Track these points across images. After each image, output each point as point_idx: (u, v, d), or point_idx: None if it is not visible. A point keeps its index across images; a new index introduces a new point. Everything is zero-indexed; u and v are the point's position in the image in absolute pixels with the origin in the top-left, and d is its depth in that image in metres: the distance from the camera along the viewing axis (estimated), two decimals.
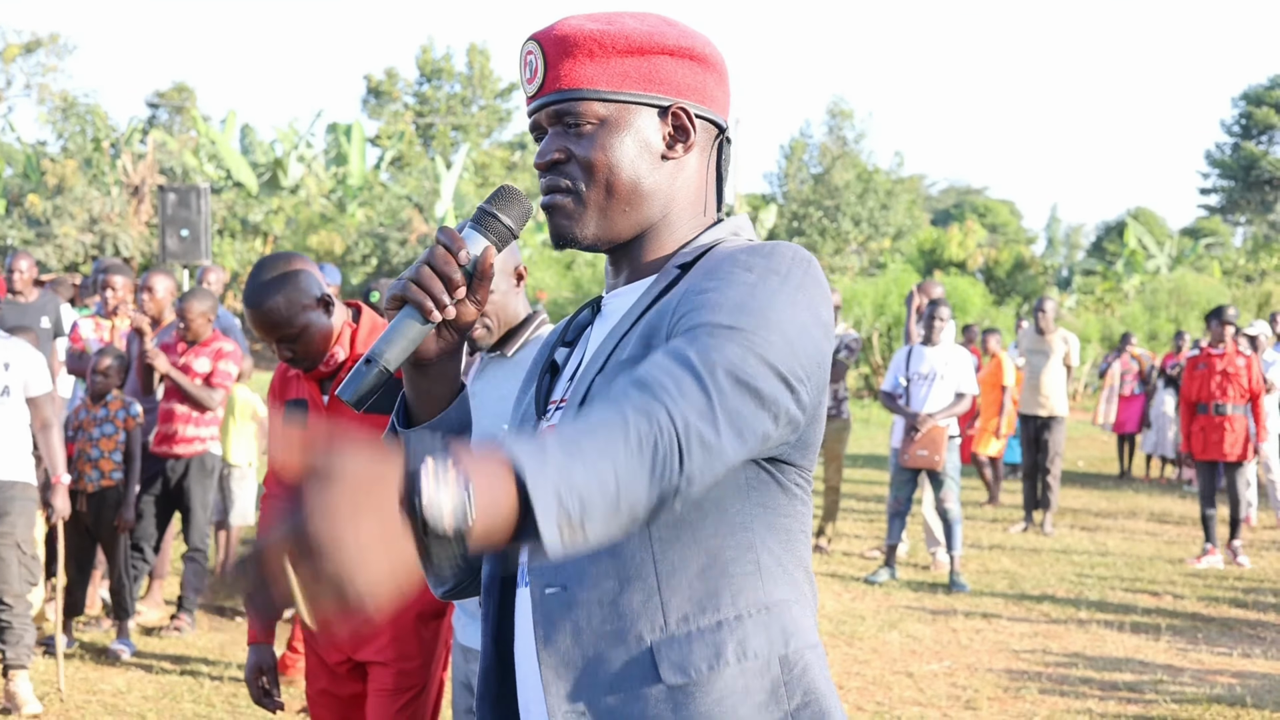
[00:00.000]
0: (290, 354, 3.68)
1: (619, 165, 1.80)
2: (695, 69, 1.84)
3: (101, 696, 6.37)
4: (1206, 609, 9.03)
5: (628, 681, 1.68)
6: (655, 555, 1.70)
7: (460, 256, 1.71)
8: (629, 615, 1.69)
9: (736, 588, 1.71)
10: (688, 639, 1.69)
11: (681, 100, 1.83)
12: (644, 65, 1.81)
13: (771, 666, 1.70)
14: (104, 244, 32.25)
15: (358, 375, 1.69)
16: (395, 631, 3.60)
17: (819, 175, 43.30)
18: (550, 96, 1.81)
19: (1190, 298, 31.50)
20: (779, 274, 1.68)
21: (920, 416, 9.24)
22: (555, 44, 1.81)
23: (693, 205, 1.88)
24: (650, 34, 1.81)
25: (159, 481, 7.41)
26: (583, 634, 1.70)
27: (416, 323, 1.70)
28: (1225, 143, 57.80)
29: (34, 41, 46.19)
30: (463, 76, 58.67)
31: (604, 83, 1.80)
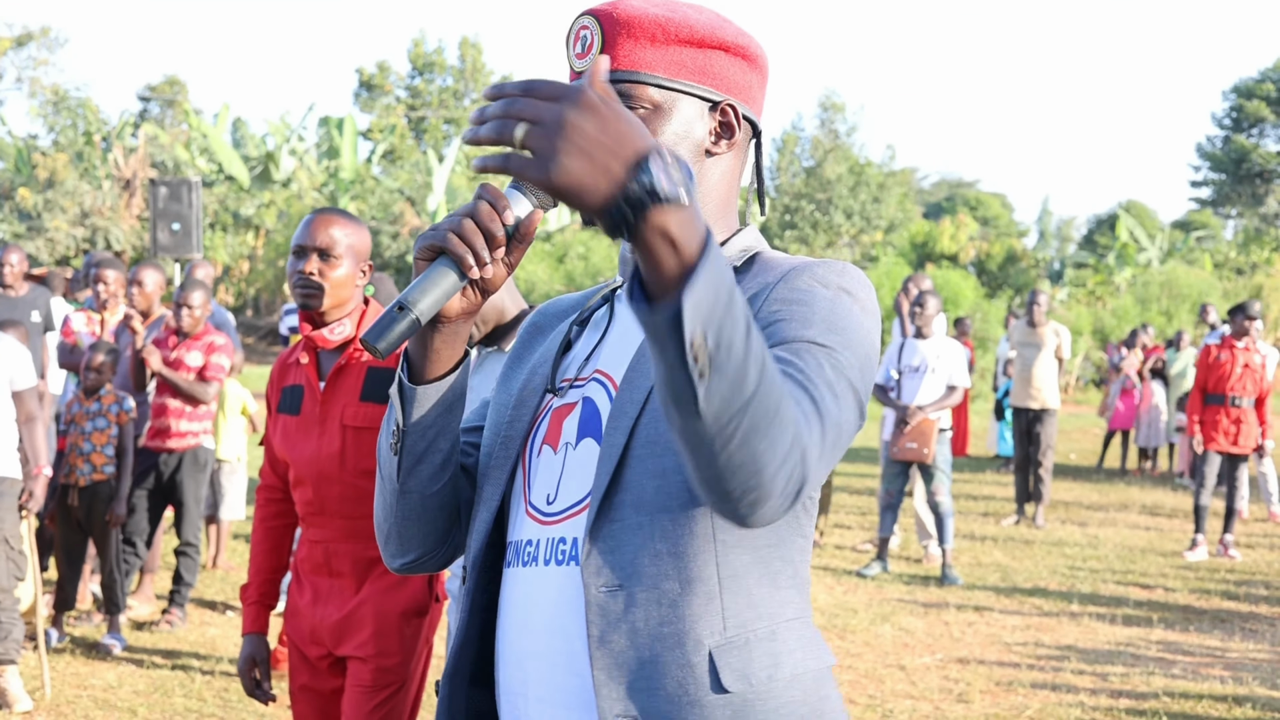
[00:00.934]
0: (311, 273, 3.63)
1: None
2: (745, 68, 1.85)
3: (92, 691, 6.36)
4: (1198, 601, 9.04)
5: (686, 687, 1.66)
6: (719, 558, 1.69)
7: (505, 215, 1.65)
8: (690, 618, 1.67)
9: (782, 599, 1.73)
10: (747, 646, 1.68)
11: (730, 97, 1.83)
12: (700, 58, 1.81)
13: (804, 681, 1.72)
14: (95, 238, 32.18)
15: (388, 320, 1.59)
16: (377, 627, 3.59)
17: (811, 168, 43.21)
18: (613, 75, 1.79)
19: (1181, 290, 31.50)
20: (850, 294, 1.72)
21: (910, 409, 9.25)
22: (615, 23, 1.79)
23: (723, 204, 1.88)
24: (710, 27, 1.81)
25: (151, 476, 7.40)
26: (640, 635, 1.67)
27: (453, 275, 1.63)
28: (1216, 135, 57.79)
29: (25, 35, 46.07)
30: (455, 70, 58.56)
31: (662, 69, 1.79)
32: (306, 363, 3.74)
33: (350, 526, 3.62)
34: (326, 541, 3.67)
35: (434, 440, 1.80)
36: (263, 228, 36.97)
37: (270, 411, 3.87)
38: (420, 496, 1.84)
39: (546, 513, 1.78)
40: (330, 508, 3.64)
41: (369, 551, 3.63)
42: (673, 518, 1.68)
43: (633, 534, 1.69)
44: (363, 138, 46.28)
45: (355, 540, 3.63)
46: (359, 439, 3.59)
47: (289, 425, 3.74)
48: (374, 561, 3.64)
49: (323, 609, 3.67)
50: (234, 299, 37.61)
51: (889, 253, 38.31)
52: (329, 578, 3.68)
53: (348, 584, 3.66)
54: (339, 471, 3.61)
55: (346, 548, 3.64)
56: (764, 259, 1.82)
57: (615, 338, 1.86)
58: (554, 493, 1.79)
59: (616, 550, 1.69)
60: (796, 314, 1.66)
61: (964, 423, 17.15)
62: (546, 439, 1.83)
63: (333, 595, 3.67)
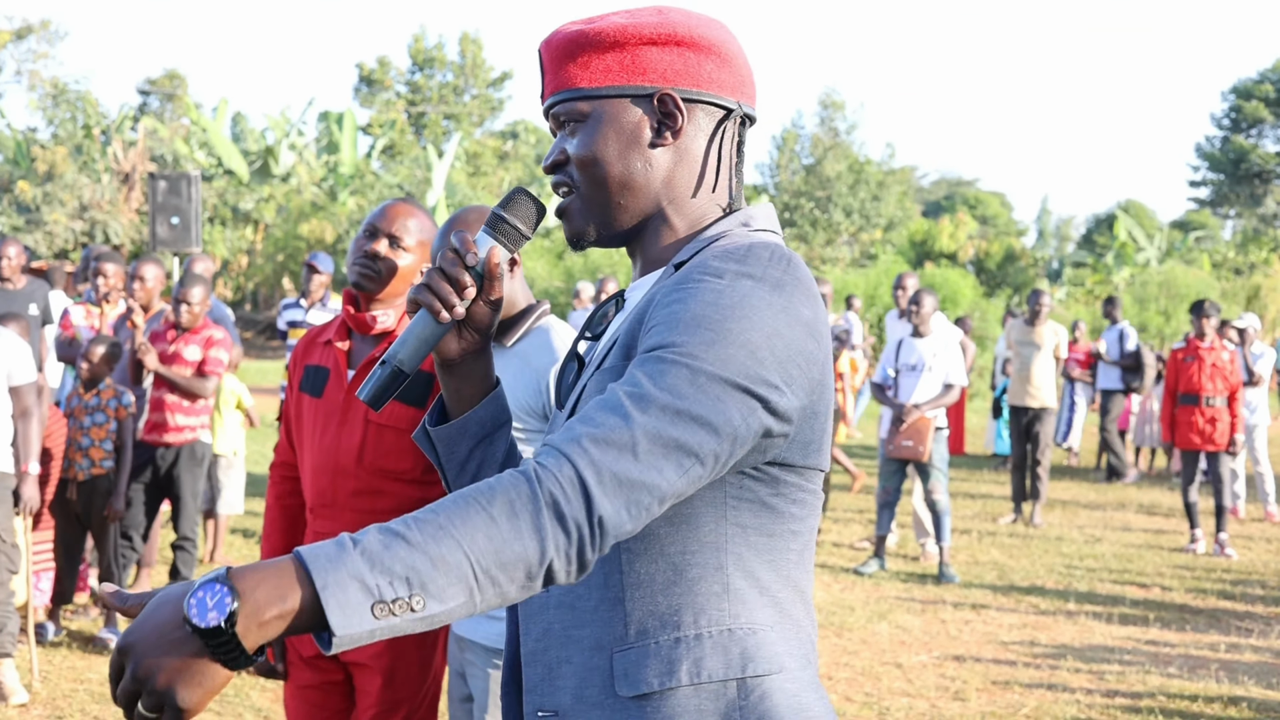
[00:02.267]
0: (379, 252, 3.60)
1: (605, 159, 1.81)
2: (685, 54, 1.83)
3: (89, 685, 6.36)
4: (1194, 600, 9.05)
5: (588, 689, 1.71)
6: (623, 565, 1.71)
7: (468, 259, 1.76)
8: (593, 622, 1.72)
9: (699, 607, 1.70)
10: (644, 652, 1.69)
11: (666, 87, 1.82)
12: (625, 58, 1.82)
13: (727, 690, 1.69)
14: (94, 231, 32.18)
15: (373, 376, 1.77)
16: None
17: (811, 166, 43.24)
18: (549, 101, 1.86)
19: (1180, 290, 31.53)
20: (753, 277, 1.65)
21: (906, 407, 9.25)
22: (548, 50, 1.86)
23: (694, 191, 1.86)
24: (627, 26, 1.81)
25: (149, 470, 7.39)
26: (553, 636, 1.75)
27: (431, 323, 1.77)
28: (1215, 136, 57.81)
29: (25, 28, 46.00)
30: (455, 65, 58.55)
31: (585, 80, 1.82)
32: (340, 345, 3.66)
33: (362, 521, 3.52)
34: (335, 535, 3.60)
35: (476, 473, 1.91)
36: (262, 222, 36.98)
37: (291, 387, 3.79)
38: None
39: None
40: (342, 500, 3.56)
41: None
42: None
43: None
44: (362, 133, 46.29)
45: None
46: (382, 436, 3.53)
47: (309, 406, 3.66)
48: None
49: None
50: (233, 294, 37.63)
51: (888, 251, 38.33)
52: None
53: None
54: (356, 466, 3.54)
55: None
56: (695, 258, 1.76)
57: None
58: None
59: None
60: (668, 316, 1.63)
61: (961, 421, 17.17)
62: None
63: None
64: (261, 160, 38.63)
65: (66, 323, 8.17)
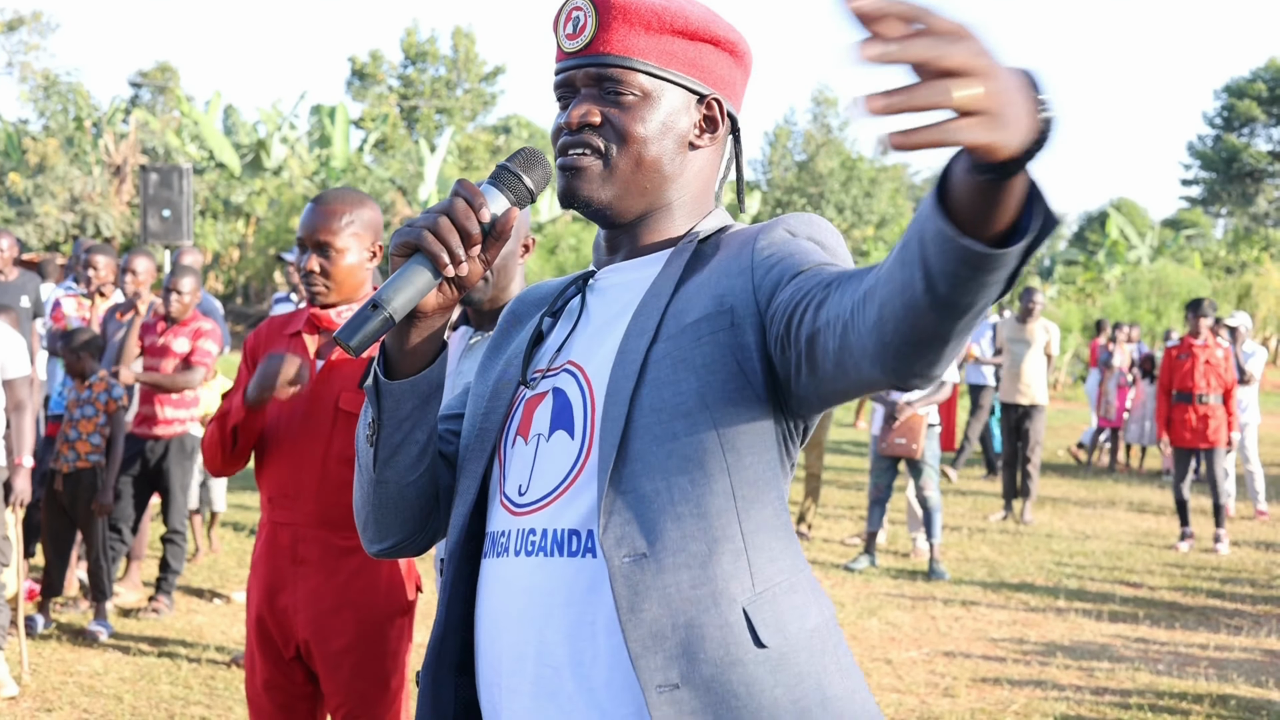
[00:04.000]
0: (315, 269, 3.56)
1: (651, 142, 1.81)
2: (732, 64, 1.87)
3: (78, 678, 6.35)
4: (1184, 598, 9.06)
5: (724, 647, 1.65)
6: (740, 514, 1.70)
7: (481, 213, 1.69)
8: (721, 578, 1.67)
9: (794, 550, 1.76)
10: (775, 600, 1.69)
11: (717, 91, 1.86)
12: (692, 50, 1.83)
13: (826, 629, 1.74)
14: (85, 223, 32.11)
15: (361, 319, 1.64)
16: (360, 632, 3.52)
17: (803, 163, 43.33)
18: (595, 58, 1.81)
19: (1171, 288, 31.57)
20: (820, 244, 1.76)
21: (899, 405, 9.25)
22: (609, 6, 1.80)
23: (699, 195, 1.90)
24: (703, 20, 1.83)
25: (138, 462, 7.38)
26: (672, 600, 1.66)
27: (427, 273, 1.67)
28: (1207, 134, 57.92)
29: (16, 19, 45.92)
30: (447, 60, 58.48)
31: (654, 56, 1.80)
32: (307, 339, 3.65)
33: (323, 513, 3.53)
34: (295, 525, 3.56)
35: (410, 432, 1.82)
36: (253, 215, 36.91)
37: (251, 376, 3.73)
38: (398, 486, 1.86)
39: (518, 504, 1.79)
40: (306, 492, 3.54)
41: (339, 540, 3.53)
42: (691, 479, 1.69)
43: (650, 501, 1.68)
44: (355, 126, 46.24)
45: (327, 528, 3.54)
46: (350, 425, 3.51)
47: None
48: (345, 551, 3.54)
49: (288, 598, 3.57)
50: (224, 287, 37.56)
51: (880, 248, 38.33)
52: (292, 564, 3.57)
53: (313, 572, 3.55)
54: (322, 455, 3.53)
55: (317, 534, 3.54)
56: (732, 231, 1.86)
57: (587, 328, 1.86)
58: (526, 484, 1.79)
59: (636, 520, 1.68)
60: (796, 253, 1.71)
61: (953, 418, 17.17)
62: (519, 430, 1.84)
63: (298, 583, 3.56)
64: (253, 153, 38.55)
65: (58, 315, 8.15)
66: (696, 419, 1.69)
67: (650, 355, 1.72)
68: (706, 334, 1.70)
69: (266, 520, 3.65)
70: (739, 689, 1.64)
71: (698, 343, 1.71)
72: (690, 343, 1.71)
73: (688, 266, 1.80)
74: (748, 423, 1.70)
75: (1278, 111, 55.30)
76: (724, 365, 1.70)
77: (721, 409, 1.69)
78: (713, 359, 1.70)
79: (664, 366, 1.71)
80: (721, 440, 1.69)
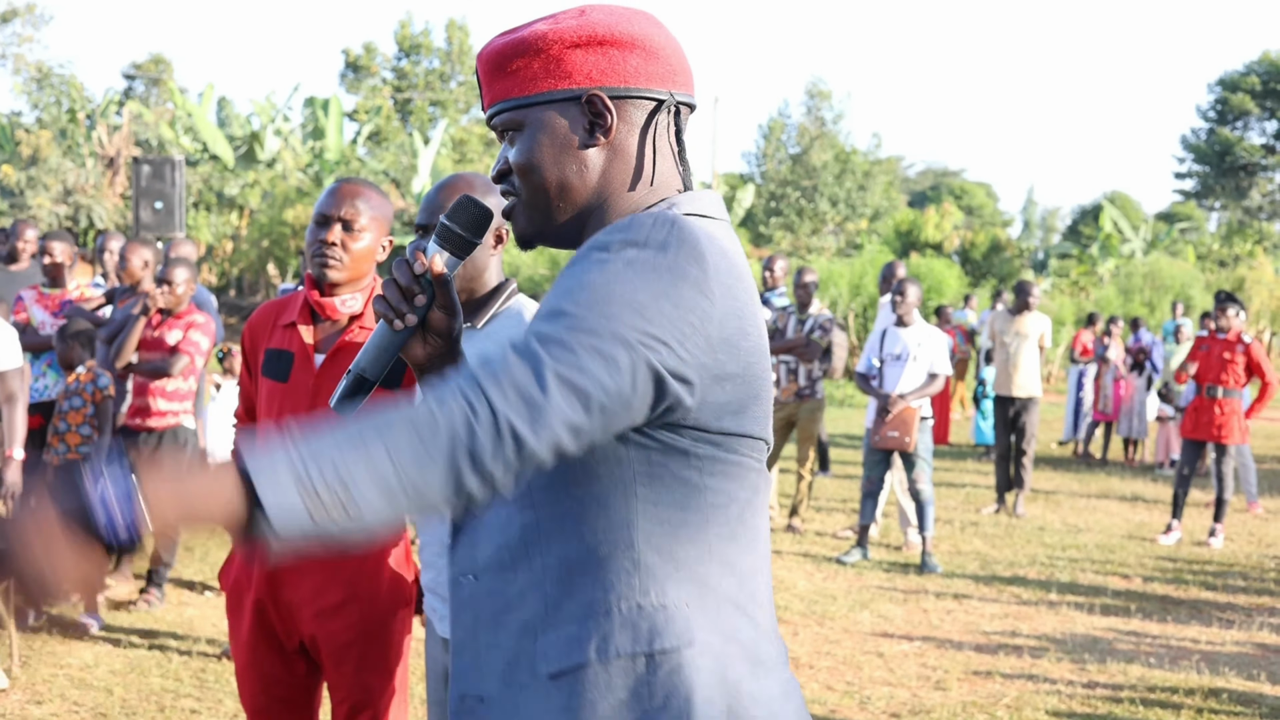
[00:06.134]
0: (335, 241, 3.57)
1: (541, 165, 1.86)
2: (609, 52, 1.85)
3: (69, 670, 6.34)
4: (1176, 591, 9.07)
5: (515, 670, 1.75)
6: (542, 546, 1.75)
7: (415, 268, 1.87)
8: (519, 604, 1.76)
9: (609, 584, 1.72)
10: (561, 630, 1.72)
11: (592, 88, 1.84)
12: (550, 64, 1.84)
13: (635, 665, 1.70)
14: (78, 215, 32.04)
15: (342, 383, 1.92)
16: (363, 629, 3.54)
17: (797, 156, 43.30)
18: (488, 114, 1.92)
19: (1164, 282, 31.64)
20: (636, 244, 1.67)
21: (891, 398, 9.25)
22: (483, 64, 1.91)
23: (631, 185, 1.88)
24: (549, 33, 1.84)
25: (131, 455, 7.34)
26: (482, 621, 1.79)
27: (387, 332, 1.90)
28: (1201, 128, 57.91)
29: (9, 11, 45.78)
30: (441, 52, 58.39)
31: (515, 90, 1.87)
32: (303, 330, 3.62)
33: None
34: None
35: None
36: (247, 208, 36.84)
37: (251, 372, 3.74)
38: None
39: None
40: None
41: None
42: (508, 513, 1.78)
43: (481, 527, 1.82)
44: (348, 119, 46.12)
45: None
46: None
47: (274, 391, 3.62)
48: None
49: (291, 593, 3.59)
50: (217, 279, 37.51)
51: (874, 240, 38.34)
52: (295, 560, 3.55)
53: (317, 567, 3.56)
54: None
55: None
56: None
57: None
58: None
59: (472, 543, 1.83)
60: (556, 288, 1.69)
61: (945, 411, 17.18)
62: None
63: (302, 579, 3.57)
64: (247, 146, 38.47)
65: (19, 307, 8.07)
66: None
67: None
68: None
69: None
70: (522, 712, 1.74)
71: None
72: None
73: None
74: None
75: (1271, 105, 55.31)
76: None
77: None
78: None
79: None
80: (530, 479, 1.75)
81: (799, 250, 39.37)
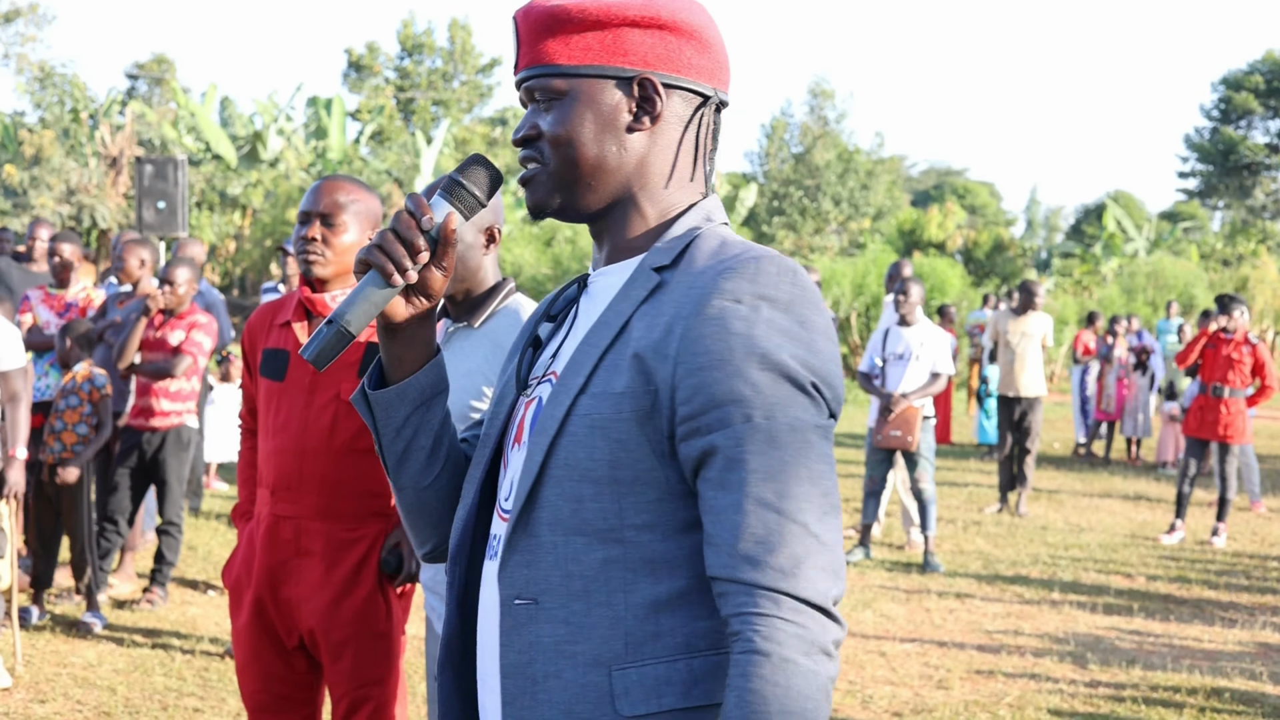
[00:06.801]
0: (315, 237, 3.59)
1: (580, 140, 1.79)
2: (666, 38, 1.81)
3: (72, 669, 6.35)
4: (1179, 590, 9.07)
5: (580, 705, 1.68)
6: (627, 582, 1.69)
7: (424, 222, 1.74)
8: (588, 636, 1.69)
9: (697, 629, 1.69)
10: (645, 670, 1.68)
11: (647, 71, 1.80)
12: (606, 38, 1.79)
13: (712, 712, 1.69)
14: (81, 215, 32.04)
15: (318, 335, 1.74)
16: (358, 627, 3.55)
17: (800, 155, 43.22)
18: (523, 74, 1.83)
19: (1168, 281, 31.60)
20: (769, 299, 1.67)
21: (894, 397, 9.25)
22: (526, 21, 1.82)
23: (667, 179, 1.85)
24: (612, 6, 1.79)
25: (134, 454, 7.37)
26: (544, 649, 1.70)
27: (379, 287, 1.74)
28: (1204, 127, 57.78)
29: (13, 11, 45.79)
30: (444, 51, 58.39)
31: (565, 57, 1.79)
32: (297, 328, 3.65)
33: (326, 505, 3.55)
34: (298, 518, 3.59)
35: (412, 439, 1.87)
36: (249, 207, 36.84)
37: (251, 373, 3.78)
38: (414, 491, 1.92)
39: (505, 509, 1.81)
40: (309, 484, 3.56)
41: (342, 532, 3.56)
42: (587, 542, 1.69)
43: (548, 551, 1.71)
44: (351, 118, 46.11)
45: (330, 519, 3.56)
46: (353, 415, 3.52)
47: (270, 390, 3.65)
48: (346, 543, 3.57)
49: (291, 589, 3.60)
50: (220, 279, 37.52)
51: (876, 240, 38.31)
52: (296, 556, 3.60)
53: (316, 563, 3.58)
54: (326, 446, 3.54)
55: (320, 526, 3.57)
56: (693, 252, 1.78)
57: (574, 335, 1.85)
58: (509, 491, 1.82)
59: (531, 564, 1.72)
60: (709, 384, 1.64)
61: (947, 410, 17.18)
62: (517, 436, 1.85)
63: (301, 575, 3.59)
64: (249, 145, 38.47)
65: (25, 307, 8.07)
66: (603, 488, 1.68)
67: (575, 406, 1.72)
68: (628, 409, 1.68)
69: (267, 513, 3.65)
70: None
71: (618, 415, 1.69)
72: (611, 411, 1.69)
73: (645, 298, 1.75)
74: (653, 502, 1.68)
75: (1275, 104, 55.22)
76: (639, 444, 1.68)
77: (629, 485, 1.68)
78: (628, 436, 1.68)
79: (582, 425, 1.70)
80: (622, 514, 1.69)
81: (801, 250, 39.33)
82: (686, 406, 1.65)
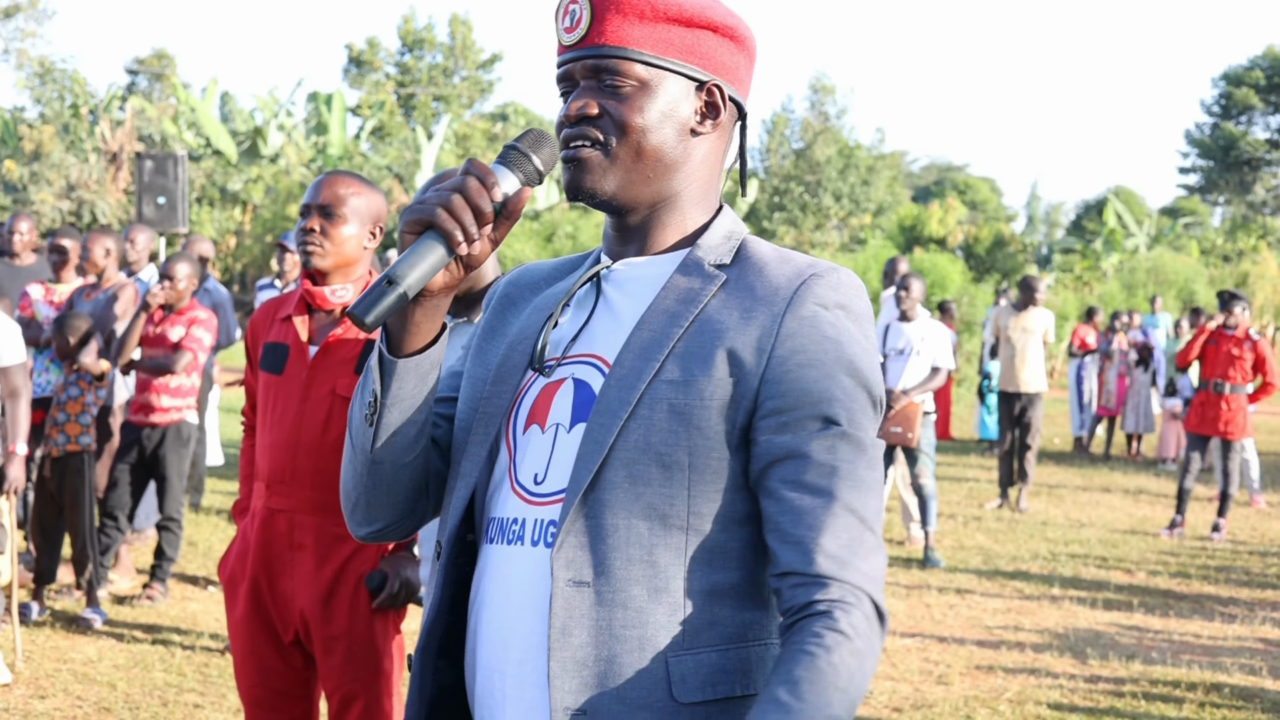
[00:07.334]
0: (315, 228, 3.60)
1: (650, 130, 1.79)
2: (733, 49, 1.84)
3: (72, 665, 6.35)
4: (1179, 585, 9.07)
5: (637, 692, 1.68)
6: (686, 570, 1.70)
7: (494, 191, 1.69)
8: (652, 625, 1.69)
9: (753, 619, 1.74)
10: (701, 658, 1.70)
11: (717, 78, 1.83)
12: (689, 36, 1.80)
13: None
14: (81, 210, 32.03)
15: (377, 294, 1.63)
16: (352, 622, 3.55)
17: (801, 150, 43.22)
18: (591, 49, 1.80)
19: (1168, 277, 31.59)
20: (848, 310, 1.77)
21: (894, 393, 9.25)
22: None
23: (706, 184, 1.88)
24: (700, 6, 1.81)
25: (134, 450, 7.37)
26: (601, 633, 1.69)
27: (440, 250, 1.67)
28: (1205, 123, 57.81)
29: (13, 6, 45.75)
30: (445, 47, 58.35)
31: (650, 45, 1.79)
32: (297, 322, 3.66)
33: (319, 499, 3.55)
34: (291, 512, 3.59)
35: (409, 412, 1.81)
36: (250, 203, 36.84)
37: (252, 365, 3.80)
38: (393, 466, 1.85)
39: (535, 493, 1.78)
40: (302, 477, 3.56)
41: (335, 526, 3.55)
42: (650, 527, 1.70)
43: (608, 535, 1.70)
44: (351, 114, 46.15)
45: (322, 514, 3.56)
46: (348, 409, 3.52)
47: (269, 383, 3.66)
48: (338, 538, 3.57)
49: (287, 582, 3.61)
50: (220, 274, 37.53)
51: (877, 236, 38.32)
52: (290, 550, 3.61)
53: (308, 557, 3.58)
54: (319, 441, 3.54)
55: (312, 520, 3.58)
56: (751, 254, 1.82)
57: (609, 320, 1.84)
58: (543, 473, 1.78)
59: (590, 547, 1.70)
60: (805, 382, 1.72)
61: (947, 406, 17.18)
62: (533, 417, 1.82)
63: (296, 568, 3.60)
64: (250, 141, 38.46)
65: (25, 303, 8.06)
66: (674, 474, 1.70)
67: (650, 391, 1.72)
68: (712, 399, 1.71)
69: (262, 506, 3.65)
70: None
71: (702, 403, 1.71)
72: (695, 399, 1.71)
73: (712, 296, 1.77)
74: (720, 492, 1.71)
75: (1275, 100, 55.23)
76: (717, 434, 1.71)
77: (701, 473, 1.70)
78: (708, 424, 1.70)
79: (661, 409, 1.71)
80: (691, 502, 1.70)
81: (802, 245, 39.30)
82: (776, 400, 1.70)
